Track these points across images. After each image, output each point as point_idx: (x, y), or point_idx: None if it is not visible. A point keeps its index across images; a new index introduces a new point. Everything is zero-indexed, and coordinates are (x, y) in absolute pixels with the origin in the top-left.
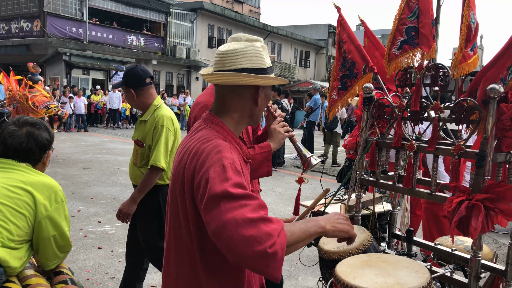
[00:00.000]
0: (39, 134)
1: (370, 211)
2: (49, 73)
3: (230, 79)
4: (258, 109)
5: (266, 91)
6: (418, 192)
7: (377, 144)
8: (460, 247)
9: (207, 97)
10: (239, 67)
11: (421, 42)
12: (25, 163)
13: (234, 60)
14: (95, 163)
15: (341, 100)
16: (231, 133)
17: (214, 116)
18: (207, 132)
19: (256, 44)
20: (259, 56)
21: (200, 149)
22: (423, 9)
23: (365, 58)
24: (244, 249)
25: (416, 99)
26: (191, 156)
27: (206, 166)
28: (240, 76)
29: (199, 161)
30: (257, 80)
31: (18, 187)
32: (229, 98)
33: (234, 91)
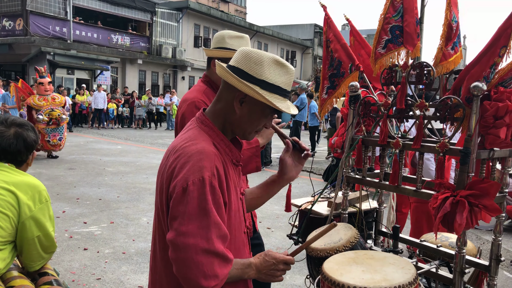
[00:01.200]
0: (27, 135)
1: (356, 209)
2: (32, 73)
3: (218, 69)
4: (238, 119)
5: (252, 106)
6: (404, 189)
7: (363, 142)
8: (445, 243)
9: (194, 93)
10: (234, 64)
11: (405, 40)
12: (8, 164)
13: (238, 57)
14: (80, 164)
15: (330, 99)
16: (220, 135)
17: (205, 116)
18: (195, 133)
19: (267, 55)
20: (259, 65)
21: (185, 151)
22: (407, 8)
23: (351, 57)
24: (192, 277)
25: (401, 97)
26: (175, 156)
27: (185, 172)
28: (223, 69)
29: (180, 163)
30: (236, 81)
31: (1, 187)
32: (219, 97)
33: (224, 89)
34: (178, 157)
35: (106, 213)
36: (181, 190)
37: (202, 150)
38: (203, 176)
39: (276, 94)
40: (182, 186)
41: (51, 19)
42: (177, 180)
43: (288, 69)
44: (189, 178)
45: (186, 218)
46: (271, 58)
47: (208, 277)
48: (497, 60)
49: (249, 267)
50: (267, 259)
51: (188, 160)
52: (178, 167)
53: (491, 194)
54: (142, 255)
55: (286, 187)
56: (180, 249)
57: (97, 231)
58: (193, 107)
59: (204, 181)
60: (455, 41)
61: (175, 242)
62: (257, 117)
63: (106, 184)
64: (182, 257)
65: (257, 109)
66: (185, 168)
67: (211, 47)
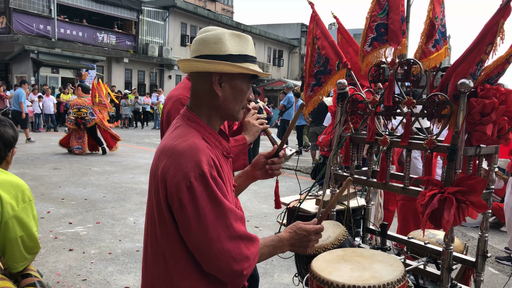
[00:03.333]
0: (4, 131)
1: (344, 207)
2: (15, 72)
3: (185, 65)
4: (223, 101)
5: (232, 81)
6: (392, 187)
7: (351, 139)
8: (433, 240)
9: (180, 91)
10: (197, 55)
11: (390, 38)
12: None
13: (196, 48)
14: (65, 163)
15: (315, 96)
16: (208, 129)
17: (191, 113)
18: (183, 130)
19: (220, 31)
20: (218, 43)
21: (176, 149)
22: (392, 6)
23: (338, 54)
24: (223, 266)
25: (389, 95)
26: (167, 156)
27: (183, 170)
28: (190, 62)
29: (175, 162)
30: (207, 65)
31: None
32: (195, 90)
33: (196, 82)
34: (171, 156)
35: (92, 213)
36: (186, 189)
37: (194, 145)
38: (202, 170)
39: (246, 62)
40: (186, 185)
41: (35, 17)
42: (177, 179)
43: (246, 38)
44: (190, 174)
45: (201, 214)
46: (227, 33)
47: (239, 261)
48: (484, 57)
49: (281, 242)
50: (299, 232)
51: (183, 157)
52: (174, 167)
53: (478, 190)
54: (128, 255)
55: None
56: (205, 246)
57: (82, 232)
58: (178, 104)
59: (205, 174)
60: (437, 39)
61: (198, 240)
62: (239, 91)
63: (92, 184)
64: (209, 252)
65: (237, 83)
66: (182, 166)
67: None
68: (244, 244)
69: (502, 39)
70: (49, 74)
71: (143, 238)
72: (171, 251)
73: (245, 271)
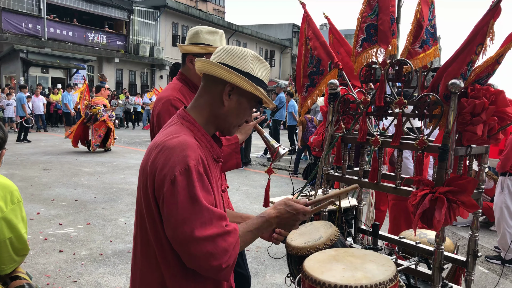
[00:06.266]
0: None
1: (336, 207)
2: (4, 71)
3: (203, 65)
4: (226, 112)
5: (240, 97)
6: (383, 187)
7: (343, 139)
8: (424, 240)
9: (170, 91)
10: (219, 61)
11: (379, 39)
12: None
13: (219, 54)
14: (56, 164)
15: (310, 97)
16: (201, 130)
17: (187, 113)
18: (176, 128)
19: (248, 51)
20: (243, 59)
21: (166, 144)
22: (382, 7)
23: (330, 55)
24: (201, 263)
25: (380, 95)
26: (157, 151)
27: (170, 164)
28: (211, 64)
29: (163, 156)
30: (225, 73)
31: None
32: (202, 91)
33: (207, 84)
34: (161, 151)
35: (83, 214)
36: (170, 182)
37: (183, 141)
38: (188, 164)
39: (259, 87)
40: (170, 178)
41: (24, 16)
42: (163, 173)
43: (266, 65)
44: (175, 169)
45: (179, 209)
46: (253, 53)
47: (217, 255)
48: (474, 57)
49: (267, 223)
50: (288, 210)
51: (171, 153)
52: (162, 161)
53: (468, 190)
54: (120, 256)
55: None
56: (181, 241)
57: (73, 233)
58: (168, 105)
59: (190, 169)
60: (424, 39)
61: (175, 236)
62: (243, 109)
63: (83, 185)
64: (186, 250)
65: (244, 101)
66: (170, 160)
67: (186, 42)
68: (220, 239)
69: (492, 40)
70: (38, 74)
71: None
72: (159, 245)
73: (224, 265)
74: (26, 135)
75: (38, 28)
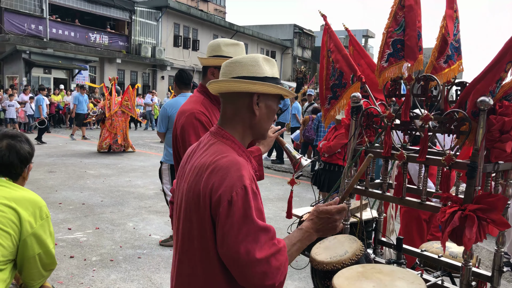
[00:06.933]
0: (20, 146)
1: (357, 219)
2: (7, 72)
3: (222, 85)
4: (259, 120)
5: (267, 102)
6: (409, 202)
7: (366, 153)
8: (446, 253)
9: (192, 105)
10: (234, 76)
11: (406, 54)
12: (5, 178)
13: (232, 69)
14: (60, 166)
15: (333, 109)
16: (241, 146)
17: (224, 130)
18: (220, 147)
19: (256, 56)
20: (256, 65)
21: (219, 164)
22: (409, 22)
23: (352, 68)
24: (256, 282)
25: (406, 110)
26: (209, 171)
27: (226, 184)
28: (231, 82)
29: (218, 177)
30: (249, 85)
31: (2, 203)
32: (229, 108)
33: (232, 101)
34: (213, 172)
35: (91, 218)
36: (227, 203)
37: (235, 161)
38: (244, 184)
39: (278, 85)
40: (227, 199)
41: (27, 17)
42: (219, 193)
43: (273, 62)
44: (232, 189)
45: (236, 229)
46: (261, 57)
47: (270, 274)
48: (503, 75)
49: (307, 233)
50: (321, 216)
51: (226, 172)
52: (218, 181)
53: (499, 208)
54: (130, 262)
55: (282, 191)
56: (236, 262)
57: (82, 238)
58: (192, 119)
59: (247, 189)
60: (449, 54)
61: (230, 256)
62: (272, 111)
63: (89, 188)
64: (241, 270)
65: (271, 103)
66: (226, 180)
67: (207, 55)
68: (273, 259)
69: None
70: (41, 75)
71: (144, 244)
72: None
73: (277, 283)
74: (41, 136)
75: (40, 29)
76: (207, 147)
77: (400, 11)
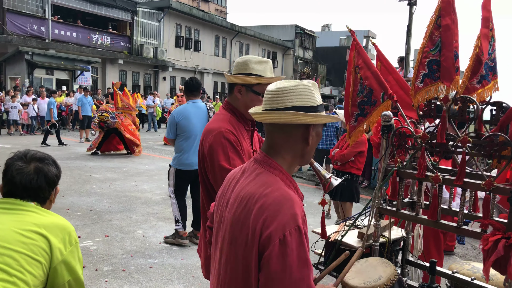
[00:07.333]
0: (48, 170)
1: (386, 239)
2: (9, 73)
3: (279, 117)
4: (310, 148)
5: (317, 129)
6: (444, 225)
7: (398, 173)
8: (478, 275)
9: (220, 123)
10: (289, 105)
11: (442, 75)
12: (33, 202)
13: (284, 98)
14: (65, 170)
15: (360, 126)
16: (289, 176)
17: (271, 159)
18: (269, 178)
19: (306, 82)
20: (309, 94)
21: (270, 198)
22: (445, 42)
23: (383, 85)
24: None
25: (442, 132)
26: (259, 205)
27: (279, 222)
28: (290, 115)
29: (269, 212)
30: (308, 118)
31: (32, 231)
32: (279, 138)
33: (284, 130)
34: (264, 206)
35: (99, 225)
36: (278, 242)
37: (287, 196)
38: (298, 225)
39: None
40: (278, 238)
41: (29, 18)
42: (270, 231)
43: (317, 86)
44: (285, 228)
45: (287, 271)
46: (310, 83)
47: None
48: None
49: None
50: None
51: (278, 208)
52: (270, 217)
53: None
54: (142, 272)
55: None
56: None
57: (92, 246)
58: (221, 138)
59: (300, 230)
60: (483, 74)
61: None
62: (320, 137)
63: (95, 193)
64: None
65: (320, 130)
66: (278, 217)
67: (233, 72)
68: None
69: None
70: (43, 76)
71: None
72: None
73: None
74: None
75: (42, 29)
76: (254, 176)
77: (436, 31)
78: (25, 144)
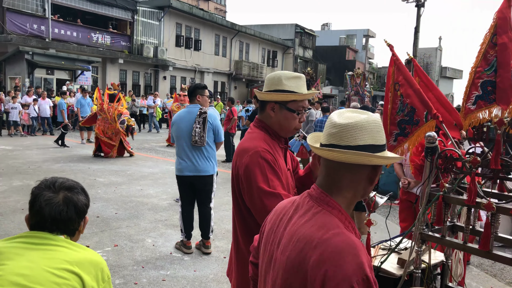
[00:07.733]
0: (78, 199)
1: (426, 264)
2: (9, 73)
3: (350, 157)
4: (372, 186)
5: (378, 170)
6: (498, 257)
7: (444, 199)
8: None
9: (255, 142)
10: (360, 144)
11: (498, 98)
12: (63, 235)
13: (355, 135)
14: (69, 173)
15: (400, 146)
16: (348, 217)
17: (329, 196)
18: (327, 219)
19: (377, 117)
20: (380, 131)
21: (331, 245)
22: (502, 62)
23: (426, 104)
24: None
25: (496, 157)
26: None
27: (345, 273)
28: (362, 156)
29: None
30: (380, 160)
31: (65, 269)
32: (343, 176)
33: (351, 170)
34: (325, 254)
35: (108, 233)
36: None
37: (352, 243)
38: (366, 275)
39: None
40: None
41: (29, 17)
42: (336, 282)
43: None
44: (352, 279)
45: None
46: (379, 117)
47: None
48: None
49: None
50: None
51: (342, 257)
52: (333, 268)
53: None
54: (155, 285)
55: None
56: None
57: (102, 257)
58: (258, 158)
59: (369, 280)
60: None
61: None
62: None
63: (101, 198)
64: None
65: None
66: (343, 268)
67: (265, 89)
68: None
69: None
70: (44, 76)
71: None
72: None
73: None
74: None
75: (42, 29)
76: (310, 216)
77: (491, 50)
78: (27, 145)
